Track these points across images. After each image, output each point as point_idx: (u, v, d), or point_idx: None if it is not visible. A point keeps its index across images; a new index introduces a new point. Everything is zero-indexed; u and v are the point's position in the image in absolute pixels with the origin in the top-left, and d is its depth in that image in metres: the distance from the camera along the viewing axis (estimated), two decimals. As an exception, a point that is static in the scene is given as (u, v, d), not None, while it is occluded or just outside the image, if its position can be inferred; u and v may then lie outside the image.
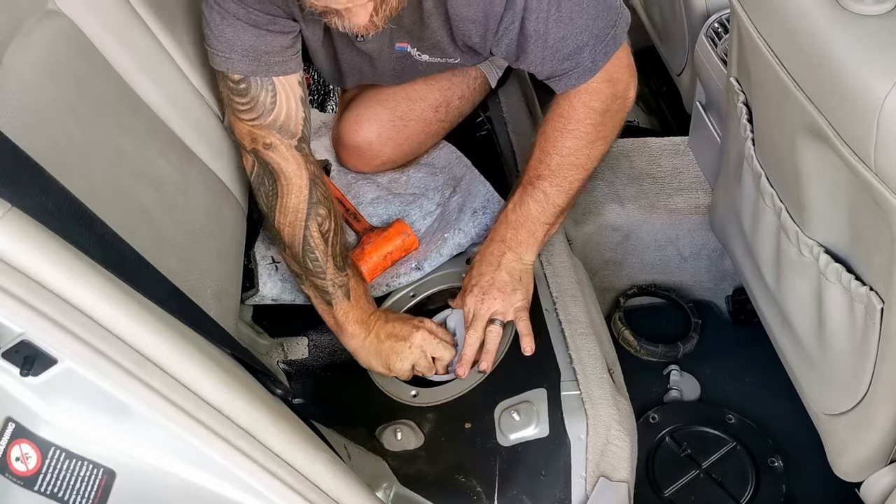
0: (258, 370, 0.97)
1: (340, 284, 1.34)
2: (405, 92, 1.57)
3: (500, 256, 1.36)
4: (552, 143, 1.34)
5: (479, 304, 1.33)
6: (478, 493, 1.19)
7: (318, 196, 1.33)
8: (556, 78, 1.30)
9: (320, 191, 1.34)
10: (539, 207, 1.36)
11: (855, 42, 0.94)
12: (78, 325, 0.73)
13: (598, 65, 1.28)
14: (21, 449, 0.75)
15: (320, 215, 1.33)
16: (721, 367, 1.68)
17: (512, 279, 1.34)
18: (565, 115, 1.33)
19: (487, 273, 1.35)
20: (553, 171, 1.35)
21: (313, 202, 1.33)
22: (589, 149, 1.34)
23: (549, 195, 1.35)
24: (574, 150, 1.34)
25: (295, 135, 1.32)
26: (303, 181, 1.33)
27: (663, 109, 2.18)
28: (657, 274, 1.77)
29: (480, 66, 1.63)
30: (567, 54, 1.26)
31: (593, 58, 1.27)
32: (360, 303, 1.35)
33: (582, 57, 1.27)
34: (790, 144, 1.11)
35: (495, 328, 1.32)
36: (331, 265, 1.34)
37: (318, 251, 1.33)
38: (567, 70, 1.28)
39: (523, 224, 1.36)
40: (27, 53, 0.98)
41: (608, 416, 1.22)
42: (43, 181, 0.77)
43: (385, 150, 1.57)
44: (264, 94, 1.29)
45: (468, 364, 1.31)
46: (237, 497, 0.82)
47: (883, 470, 1.17)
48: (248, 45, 1.26)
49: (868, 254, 1.05)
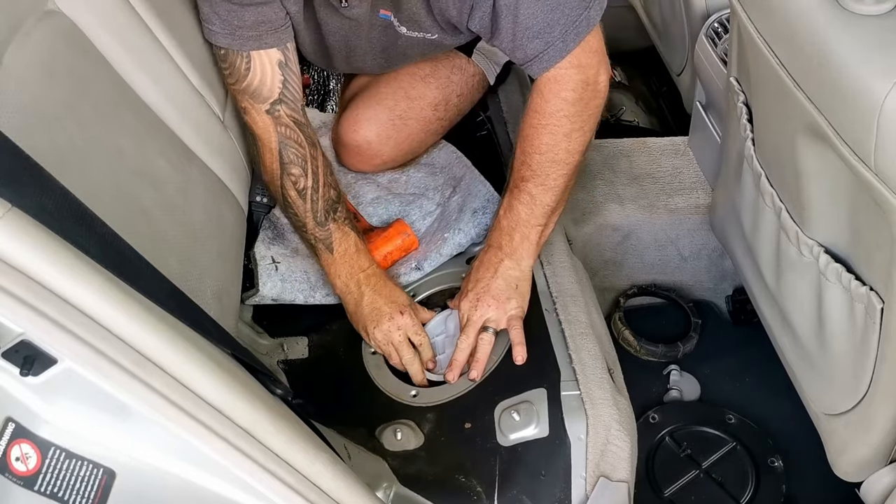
0: (258, 370, 0.97)
1: (322, 238, 1.39)
2: (404, 91, 1.57)
3: (497, 263, 1.36)
4: (529, 141, 1.34)
5: (472, 311, 1.33)
6: (478, 493, 1.19)
7: (289, 156, 1.38)
8: (529, 62, 1.30)
9: (293, 151, 1.38)
10: (527, 210, 1.35)
11: (855, 42, 0.95)
12: (78, 325, 0.73)
13: (570, 46, 1.27)
14: (21, 449, 0.75)
15: (293, 174, 1.38)
16: (721, 367, 1.69)
17: (508, 287, 1.34)
18: (539, 110, 1.32)
19: (483, 279, 1.35)
20: (535, 171, 1.34)
21: (284, 163, 1.38)
22: (566, 142, 1.33)
23: (535, 196, 1.35)
24: (551, 145, 1.33)
25: (267, 99, 1.37)
26: (272, 143, 1.38)
27: (663, 109, 2.18)
28: (657, 274, 1.77)
29: (478, 63, 1.64)
30: (537, 31, 1.26)
31: (564, 37, 1.26)
32: (345, 257, 1.39)
33: (552, 36, 1.26)
34: (790, 144, 1.11)
35: (487, 336, 1.32)
36: (310, 219, 1.39)
37: (297, 207, 1.39)
38: (538, 52, 1.28)
39: (515, 228, 1.36)
40: (27, 53, 0.98)
41: (608, 416, 1.22)
42: (43, 181, 0.77)
43: (385, 149, 1.57)
44: (240, 61, 1.35)
45: (458, 368, 1.31)
46: (237, 497, 0.82)
47: (883, 470, 1.17)
48: (223, 19, 1.32)
49: (868, 254, 1.05)
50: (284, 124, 1.38)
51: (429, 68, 1.59)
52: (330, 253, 1.39)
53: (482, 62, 1.64)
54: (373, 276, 1.38)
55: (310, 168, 1.39)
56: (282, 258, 1.46)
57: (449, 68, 1.60)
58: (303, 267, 1.46)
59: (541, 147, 1.33)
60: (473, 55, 1.63)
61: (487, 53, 1.65)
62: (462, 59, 1.62)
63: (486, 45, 1.62)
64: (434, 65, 1.60)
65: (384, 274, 1.41)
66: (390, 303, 1.36)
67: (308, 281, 1.45)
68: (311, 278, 1.45)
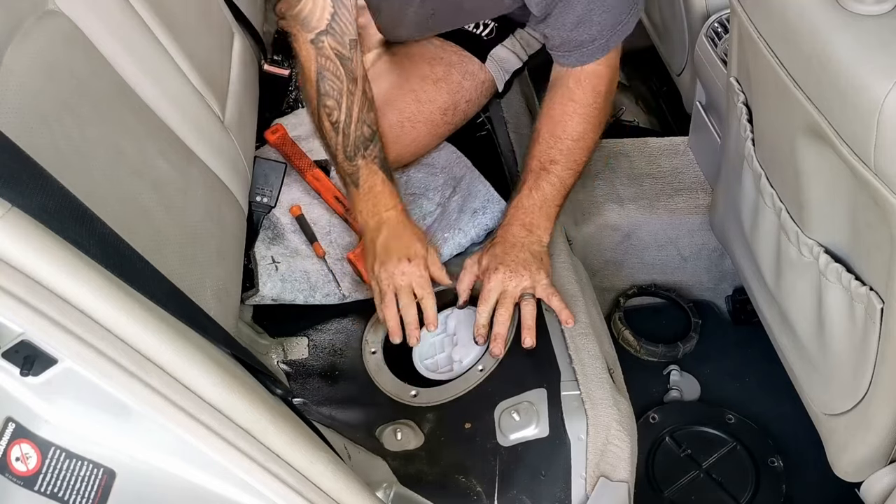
0: (258, 370, 0.97)
1: (349, 173, 1.41)
2: (415, 94, 1.58)
3: (522, 238, 1.38)
4: (562, 127, 1.41)
5: (508, 282, 1.34)
6: (478, 493, 1.19)
7: (326, 88, 1.40)
8: (566, 51, 1.38)
9: (330, 83, 1.40)
10: (554, 190, 1.41)
11: (855, 42, 0.95)
12: (78, 325, 0.73)
13: (610, 46, 1.37)
14: (21, 449, 0.75)
15: (328, 106, 1.40)
16: (721, 367, 1.69)
17: (535, 259, 1.37)
18: (575, 99, 1.40)
19: (511, 253, 1.36)
20: (565, 155, 1.41)
21: (321, 93, 1.40)
22: (595, 132, 1.43)
23: (563, 177, 1.42)
24: (583, 133, 1.42)
25: (315, 29, 1.39)
26: (312, 73, 1.40)
27: (663, 109, 2.18)
28: (657, 274, 1.77)
29: (490, 70, 1.64)
30: (587, 26, 1.34)
31: (608, 38, 1.36)
32: (370, 194, 1.40)
33: (600, 33, 1.35)
34: (790, 144, 1.11)
35: (532, 301, 1.33)
36: (340, 152, 1.41)
37: (329, 139, 1.42)
38: (581, 43, 1.36)
39: (540, 207, 1.40)
40: (27, 53, 0.98)
41: (608, 416, 1.22)
42: (43, 181, 0.77)
43: (393, 149, 1.57)
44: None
45: (503, 341, 1.31)
46: (237, 497, 0.82)
47: (883, 470, 1.17)
48: None
49: (868, 254, 1.05)
50: (326, 56, 1.40)
51: (441, 72, 1.60)
52: (356, 188, 1.41)
53: (494, 69, 1.64)
54: (394, 218, 1.39)
55: (345, 102, 1.40)
56: (282, 258, 1.46)
57: (461, 73, 1.61)
58: (303, 267, 1.46)
59: (573, 133, 1.41)
60: (487, 62, 1.64)
61: (500, 61, 1.65)
62: (475, 65, 1.63)
63: (500, 53, 1.64)
64: (447, 69, 1.60)
65: (408, 218, 1.42)
66: (404, 247, 1.36)
67: (308, 281, 1.45)
68: (311, 278, 1.45)
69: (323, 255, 1.48)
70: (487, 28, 1.64)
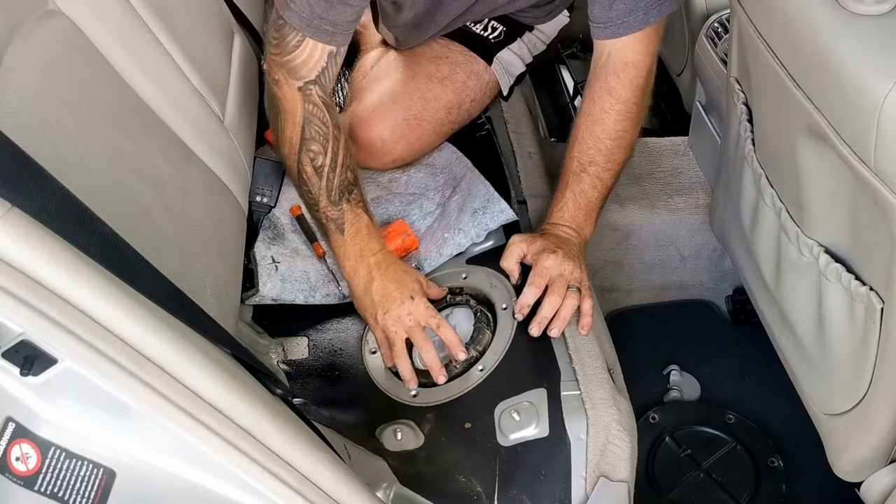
0: (258, 370, 0.97)
1: (334, 218, 1.38)
2: (420, 92, 1.58)
3: (572, 236, 1.40)
4: (601, 125, 1.40)
5: (564, 266, 1.34)
6: (478, 493, 1.19)
7: (311, 132, 1.37)
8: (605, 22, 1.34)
9: (316, 128, 1.37)
10: (596, 193, 1.41)
11: (855, 42, 0.95)
12: (78, 325, 0.73)
13: (650, 20, 1.33)
14: (21, 449, 0.75)
15: (312, 150, 1.37)
16: (721, 367, 1.69)
17: (581, 257, 1.38)
18: (614, 95, 1.38)
19: (565, 245, 1.37)
20: (605, 155, 1.40)
21: (305, 138, 1.37)
22: (634, 129, 1.41)
23: (604, 179, 1.41)
24: (622, 131, 1.40)
25: (303, 78, 1.36)
26: (297, 117, 1.37)
27: (663, 109, 2.18)
28: (657, 274, 1.77)
29: (495, 72, 1.64)
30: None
31: (647, 9, 1.32)
32: (356, 239, 1.37)
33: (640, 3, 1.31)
34: (790, 144, 1.12)
35: (577, 295, 1.33)
36: (324, 197, 1.37)
37: (312, 184, 1.38)
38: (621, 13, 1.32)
39: (582, 208, 1.41)
40: (27, 53, 0.98)
41: (608, 416, 1.22)
42: (43, 181, 0.77)
43: (397, 147, 1.58)
44: (292, 36, 1.34)
45: (544, 323, 1.30)
46: (237, 497, 0.82)
47: (883, 470, 1.17)
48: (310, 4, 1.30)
49: (868, 254, 1.05)
50: (313, 102, 1.38)
51: (447, 70, 1.60)
52: (340, 234, 1.38)
53: (499, 71, 1.65)
54: (384, 261, 1.37)
55: (330, 147, 1.38)
56: (282, 258, 1.46)
57: (466, 73, 1.61)
58: (303, 267, 1.46)
59: (612, 133, 1.40)
60: (493, 64, 1.64)
61: (505, 64, 1.66)
62: (480, 66, 1.63)
63: (506, 56, 1.64)
64: (452, 68, 1.61)
65: (396, 259, 1.40)
66: (403, 288, 1.34)
67: (308, 281, 1.45)
68: (311, 278, 1.45)
69: (323, 254, 1.48)
70: (496, 31, 1.65)
